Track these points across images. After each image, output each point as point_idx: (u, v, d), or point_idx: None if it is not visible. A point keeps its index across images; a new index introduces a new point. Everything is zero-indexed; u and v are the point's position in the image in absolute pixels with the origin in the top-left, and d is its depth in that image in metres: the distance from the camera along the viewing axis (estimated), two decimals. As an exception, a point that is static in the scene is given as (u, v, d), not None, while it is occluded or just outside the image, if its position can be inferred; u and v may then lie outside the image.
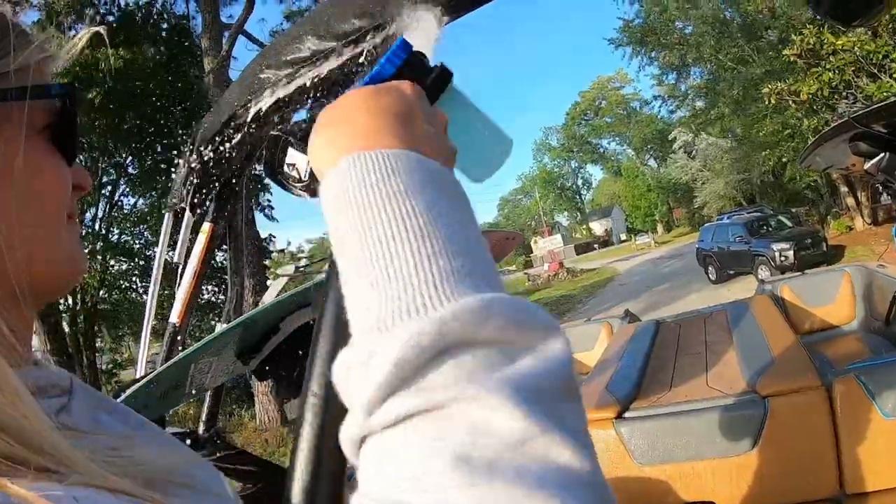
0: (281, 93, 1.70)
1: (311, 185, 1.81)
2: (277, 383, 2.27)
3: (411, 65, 0.67)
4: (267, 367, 2.23)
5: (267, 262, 14.52)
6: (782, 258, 18.22)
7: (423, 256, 0.42)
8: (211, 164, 2.01)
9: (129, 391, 1.65)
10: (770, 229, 21.16)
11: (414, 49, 0.68)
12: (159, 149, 15.38)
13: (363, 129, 0.54)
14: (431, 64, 0.70)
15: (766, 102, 16.98)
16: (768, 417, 2.59)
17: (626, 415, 2.82)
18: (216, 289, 14.71)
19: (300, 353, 2.27)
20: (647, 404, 2.89)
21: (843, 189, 25.47)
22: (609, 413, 2.80)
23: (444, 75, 0.70)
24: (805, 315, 4.69)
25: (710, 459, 2.63)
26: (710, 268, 22.18)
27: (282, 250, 29.31)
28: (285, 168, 1.84)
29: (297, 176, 1.83)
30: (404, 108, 0.57)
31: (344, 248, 0.47)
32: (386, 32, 1.47)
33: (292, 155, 1.82)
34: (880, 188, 24.84)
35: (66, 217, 0.61)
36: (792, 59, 15.34)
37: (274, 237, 18.23)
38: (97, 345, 16.50)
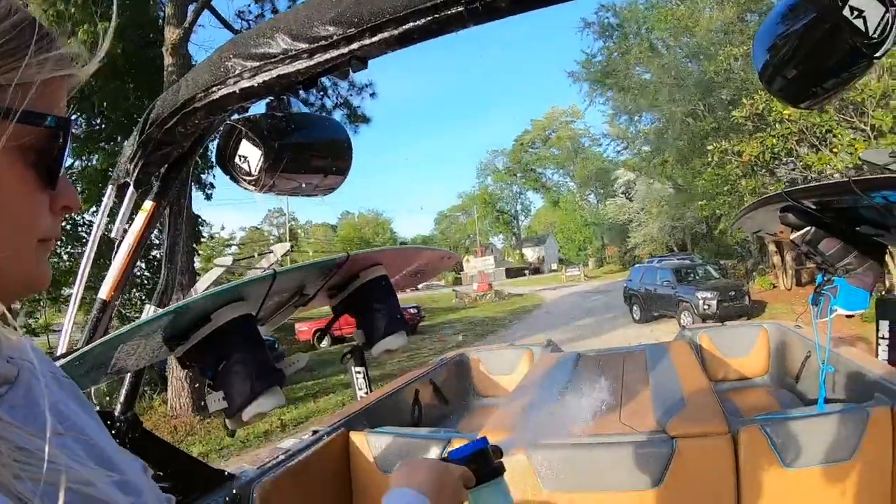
0: (244, 84, 1.68)
1: (261, 181, 1.79)
2: (201, 373, 2.22)
3: (481, 457, 1.13)
4: (192, 357, 2.18)
5: (196, 247, 14.08)
6: (705, 307, 18.80)
7: None
8: (162, 142, 1.97)
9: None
10: (697, 277, 21.85)
11: (489, 446, 1.15)
12: (105, 114, 14.84)
13: (422, 482, 1.03)
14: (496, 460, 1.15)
15: (710, 158, 17.45)
16: (675, 457, 2.66)
17: (536, 444, 2.84)
18: (142, 265, 14.29)
19: (226, 345, 2.22)
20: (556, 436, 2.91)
21: (771, 248, 26.34)
22: None
23: (496, 471, 1.14)
24: (720, 364, 4.80)
25: (615, 492, 2.69)
26: (635, 307, 22.77)
27: (212, 236, 28.70)
28: (237, 159, 1.81)
29: (248, 170, 1.80)
30: (448, 490, 1.04)
31: None
32: (358, 43, 1.46)
33: (245, 147, 1.79)
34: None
35: (38, 240, 0.61)
36: (740, 120, 15.78)
37: (206, 221, 17.72)
38: (12, 307, 15.71)
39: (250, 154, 1.77)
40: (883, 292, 3.15)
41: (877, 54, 1.47)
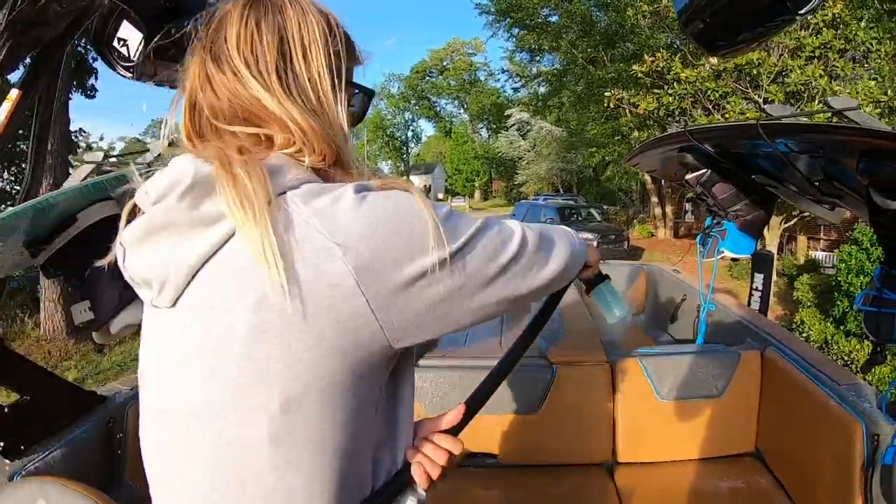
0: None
1: (139, 68, 1.61)
2: (66, 282, 2.04)
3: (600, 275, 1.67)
4: (56, 263, 1.99)
5: (72, 159, 13.12)
6: (586, 247, 19.31)
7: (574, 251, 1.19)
8: (34, 22, 1.72)
9: None
10: (580, 218, 22.49)
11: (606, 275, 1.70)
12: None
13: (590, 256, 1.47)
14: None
15: (606, 105, 17.71)
16: (554, 383, 2.74)
17: (420, 362, 2.82)
18: (13, 178, 13.27)
19: (95, 250, 2.05)
20: (440, 356, 2.94)
21: (654, 199, 27.38)
22: None
23: (604, 278, 1.68)
24: None
25: (495, 415, 2.73)
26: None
27: (90, 146, 26.95)
28: (115, 42, 1.62)
29: (126, 54, 1.62)
30: (594, 259, 1.51)
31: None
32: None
33: (126, 29, 1.60)
34: (688, 206, 27.07)
35: None
36: (639, 74, 16.02)
37: (85, 131, 16.47)
38: None
39: (131, 37, 1.58)
40: (758, 248, 3.25)
41: (801, 11, 1.45)
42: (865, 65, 13.98)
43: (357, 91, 1.04)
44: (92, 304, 2.03)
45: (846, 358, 10.15)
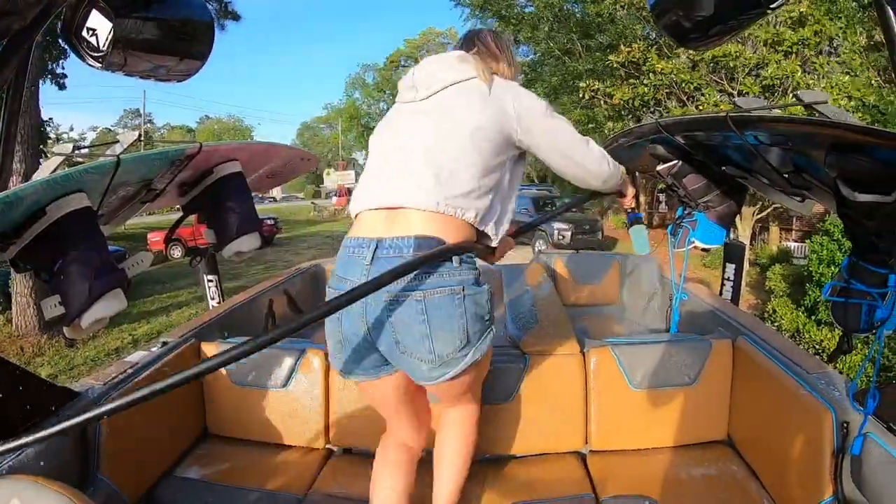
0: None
1: (108, 58, 1.59)
2: (36, 276, 2.01)
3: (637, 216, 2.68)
4: (26, 257, 1.96)
5: (43, 148, 12.82)
6: (560, 236, 19.58)
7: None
8: (0, 11, 1.70)
9: None
10: (554, 208, 22.52)
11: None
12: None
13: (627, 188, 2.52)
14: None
15: (581, 96, 17.72)
16: (527, 373, 2.76)
17: None
18: None
19: (63, 242, 2.02)
20: None
21: (629, 190, 27.39)
22: None
23: (641, 220, 2.66)
24: (573, 289, 4.95)
25: None
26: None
27: (59, 138, 26.49)
28: (84, 32, 1.60)
29: (95, 44, 1.60)
30: (630, 192, 2.56)
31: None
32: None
33: (95, 19, 1.58)
34: (661, 197, 27.31)
35: None
36: (615, 65, 16.07)
37: (53, 121, 16.08)
38: None
39: (100, 26, 1.56)
40: (730, 238, 3.30)
41: (772, 5, 1.47)
42: (837, 59, 14.12)
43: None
44: (62, 298, 2.01)
45: (817, 347, 10.32)
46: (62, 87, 14.94)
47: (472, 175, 1.86)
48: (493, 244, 2.03)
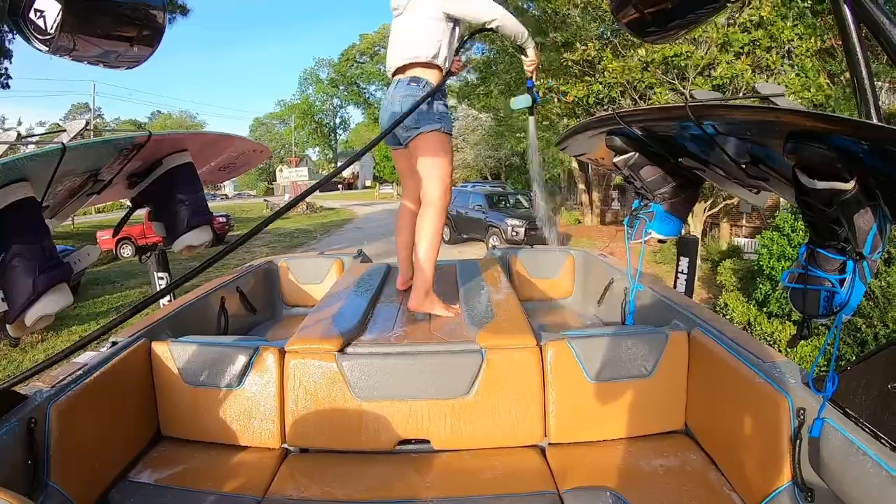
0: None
1: (56, 42, 1.52)
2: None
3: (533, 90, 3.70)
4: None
5: None
6: (513, 233, 19.68)
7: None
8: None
9: None
10: (507, 205, 22.73)
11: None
12: None
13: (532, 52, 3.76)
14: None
15: (535, 93, 17.79)
16: (484, 367, 2.75)
17: (349, 350, 2.83)
18: None
19: (8, 236, 1.94)
20: (370, 341, 2.92)
21: (581, 187, 27.75)
22: (331, 346, 2.81)
23: (532, 89, 3.72)
24: (528, 284, 4.96)
25: (426, 400, 2.74)
26: (445, 228, 23.23)
27: (2, 127, 25.77)
28: (31, 13, 1.52)
29: (43, 26, 1.53)
30: (535, 55, 3.78)
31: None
32: None
33: (43, 0, 1.51)
34: (615, 193, 27.62)
35: None
36: (570, 63, 16.18)
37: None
38: None
39: (48, 8, 1.49)
40: (684, 233, 3.34)
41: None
42: (789, 61, 14.43)
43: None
44: (5, 294, 1.93)
45: (769, 338, 10.56)
46: (5, 86, 14.55)
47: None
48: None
